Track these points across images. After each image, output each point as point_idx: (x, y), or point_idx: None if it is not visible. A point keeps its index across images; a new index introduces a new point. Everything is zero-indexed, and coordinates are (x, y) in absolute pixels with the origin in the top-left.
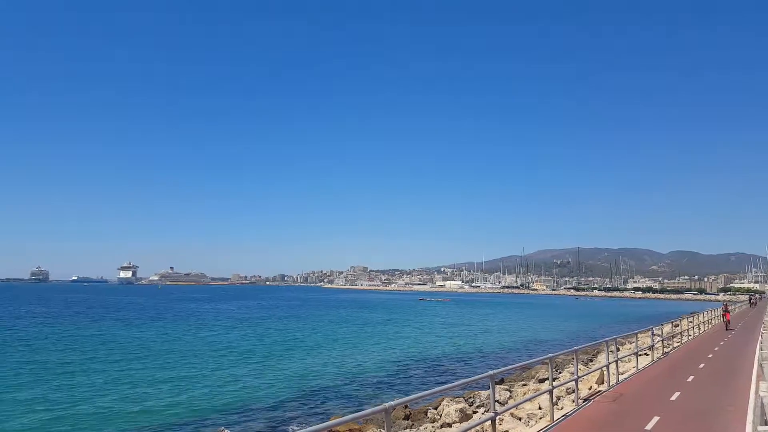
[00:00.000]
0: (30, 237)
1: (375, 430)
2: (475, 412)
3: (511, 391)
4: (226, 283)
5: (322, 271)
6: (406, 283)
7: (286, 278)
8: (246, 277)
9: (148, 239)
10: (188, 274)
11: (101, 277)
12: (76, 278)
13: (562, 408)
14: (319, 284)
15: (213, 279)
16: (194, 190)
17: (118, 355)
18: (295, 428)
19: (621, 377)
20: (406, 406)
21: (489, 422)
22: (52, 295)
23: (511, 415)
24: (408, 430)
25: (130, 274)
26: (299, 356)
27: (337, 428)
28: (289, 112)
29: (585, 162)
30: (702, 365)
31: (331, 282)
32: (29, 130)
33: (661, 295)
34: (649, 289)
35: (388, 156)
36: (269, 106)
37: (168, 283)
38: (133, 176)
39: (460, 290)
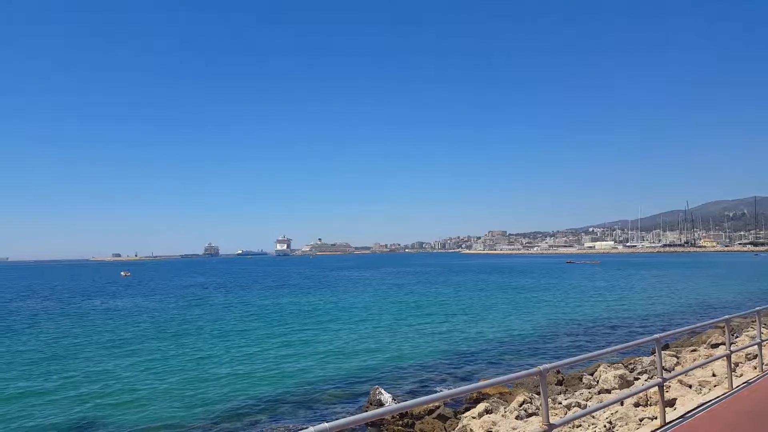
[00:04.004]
0: (203, 217)
1: (525, 394)
2: (636, 379)
3: (678, 357)
4: (368, 251)
5: (459, 237)
6: (550, 246)
7: (424, 245)
8: (386, 246)
9: (299, 213)
10: (334, 245)
11: (261, 250)
12: (240, 252)
13: (741, 375)
14: (456, 250)
15: (356, 248)
16: (338, 165)
17: (290, 321)
18: (444, 389)
19: None
20: (558, 371)
21: (655, 389)
22: (227, 267)
23: (680, 382)
24: (562, 395)
25: (285, 247)
26: (445, 320)
27: (486, 390)
28: (422, 81)
29: (761, 92)
30: None
31: (468, 247)
32: (194, 127)
33: None
34: None
35: (521, 112)
36: (398, 75)
37: (318, 253)
38: (285, 160)
39: (612, 251)
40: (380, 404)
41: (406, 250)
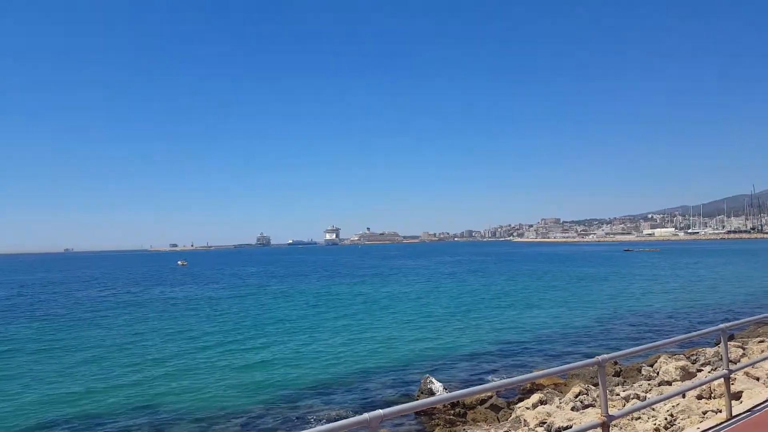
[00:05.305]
0: (255, 208)
1: (581, 385)
2: (699, 371)
3: (744, 348)
4: (416, 240)
5: (510, 225)
6: (606, 234)
7: (473, 234)
8: (435, 234)
9: (347, 203)
10: (383, 234)
11: (311, 240)
12: (291, 241)
13: None
14: (507, 239)
15: (405, 237)
16: (383, 156)
17: (343, 310)
18: (496, 379)
19: None
20: (616, 362)
21: (720, 381)
22: (279, 257)
23: (746, 374)
24: (620, 386)
25: (334, 236)
26: (498, 310)
27: (540, 381)
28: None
29: None
30: None
31: (520, 236)
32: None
33: None
34: None
35: (575, 97)
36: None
37: (366, 242)
38: (334, 150)
39: (673, 238)
40: (431, 393)
41: (455, 239)
